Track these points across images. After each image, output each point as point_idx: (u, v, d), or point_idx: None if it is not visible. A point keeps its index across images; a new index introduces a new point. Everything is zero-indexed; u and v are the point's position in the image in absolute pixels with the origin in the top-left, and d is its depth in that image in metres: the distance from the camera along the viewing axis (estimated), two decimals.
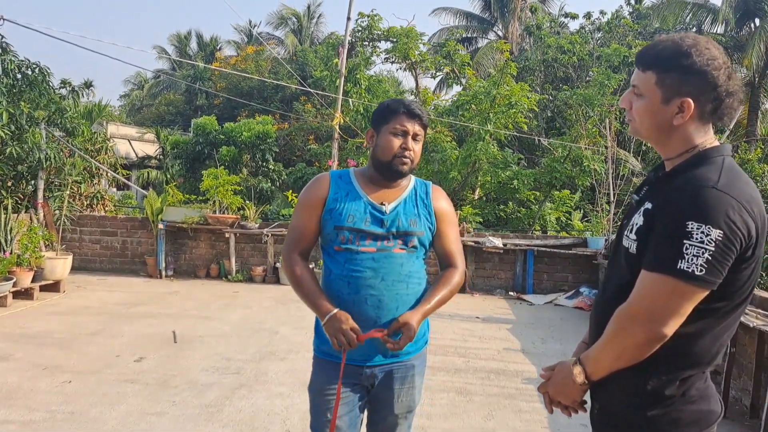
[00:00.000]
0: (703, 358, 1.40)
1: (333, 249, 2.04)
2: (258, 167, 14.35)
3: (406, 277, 2.02)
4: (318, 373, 2.10)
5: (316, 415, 2.07)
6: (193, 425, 3.63)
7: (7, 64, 8.14)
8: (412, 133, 2.04)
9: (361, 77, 12.54)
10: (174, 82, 26.72)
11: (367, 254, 1.99)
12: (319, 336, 2.09)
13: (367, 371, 2.04)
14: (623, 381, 1.42)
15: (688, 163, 1.41)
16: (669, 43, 1.43)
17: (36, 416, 3.67)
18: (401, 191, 2.10)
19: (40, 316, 6.36)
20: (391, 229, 2.02)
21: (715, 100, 1.39)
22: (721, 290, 1.33)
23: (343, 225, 2.00)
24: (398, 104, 2.06)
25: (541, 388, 1.60)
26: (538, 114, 14.30)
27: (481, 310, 7.65)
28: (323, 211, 2.04)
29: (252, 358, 5.06)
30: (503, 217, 12.21)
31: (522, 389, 4.57)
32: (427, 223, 2.08)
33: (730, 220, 1.28)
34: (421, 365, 2.14)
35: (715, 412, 1.43)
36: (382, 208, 2.03)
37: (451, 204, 2.22)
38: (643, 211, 1.41)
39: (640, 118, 1.48)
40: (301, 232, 2.08)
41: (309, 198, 2.08)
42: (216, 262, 9.60)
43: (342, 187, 2.07)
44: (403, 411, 2.10)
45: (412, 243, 2.04)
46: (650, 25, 16.97)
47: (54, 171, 9.34)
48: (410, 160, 2.04)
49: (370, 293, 1.97)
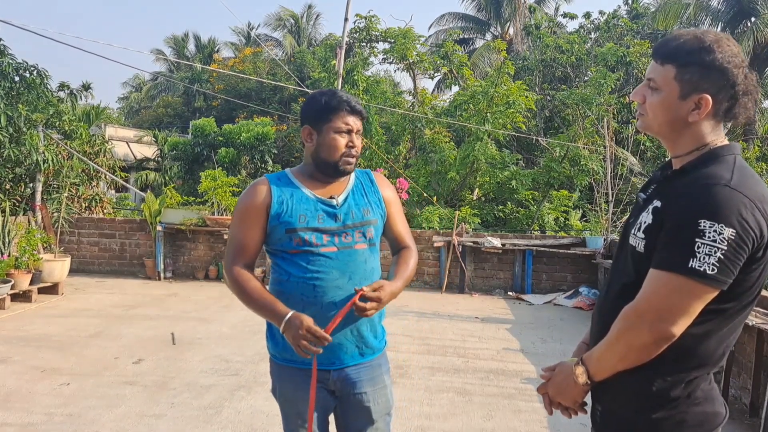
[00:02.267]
0: (709, 359, 1.38)
1: (288, 253, 1.93)
2: (257, 169, 14.34)
3: (371, 273, 1.97)
4: (282, 381, 2.01)
5: (287, 422, 2.03)
6: (192, 427, 3.63)
7: (5, 66, 8.14)
8: (356, 130, 1.98)
9: (359, 78, 12.54)
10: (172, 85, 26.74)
11: (330, 254, 1.91)
12: (274, 341, 2.00)
13: (335, 374, 1.96)
14: (627, 382, 1.39)
15: (699, 161, 1.38)
16: (690, 38, 1.39)
17: (34, 418, 3.66)
18: (345, 183, 2.03)
19: (39, 318, 6.35)
20: (346, 221, 1.95)
21: (731, 98, 1.37)
22: (730, 291, 1.31)
23: (296, 227, 1.91)
24: (339, 101, 1.96)
25: (541, 389, 1.57)
26: (537, 114, 14.31)
27: (480, 311, 7.64)
28: (268, 217, 1.93)
29: (251, 360, 5.05)
30: (502, 217, 12.20)
31: (521, 389, 4.56)
32: (379, 210, 2.04)
33: (743, 219, 1.25)
34: (386, 364, 2.09)
35: (720, 414, 1.40)
36: (332, 202, 1.97)
37: (394, 188, 2.19)
38: (652, 209, 1.38)
39: (654, 112, 1.43)
40: (242, 242, 1.95)
41: (249, 206, 1.95)
42: (215, 264, 9.58)
43: (284, 189, 1.97)
44: (381, 413, 2.04)
45: (370, 233, 1.98)
46: (648, 24, 16.99)
47: (52, 173, 9.33)
48: (355, 157, 2.00)
49: (338, 294, 1.89)
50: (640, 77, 13.63)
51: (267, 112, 18.35)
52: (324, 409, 2.00)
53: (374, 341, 2.03)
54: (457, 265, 8.93)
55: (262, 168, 14.33)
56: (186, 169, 14.57)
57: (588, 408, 1.53)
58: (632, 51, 14.08)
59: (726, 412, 1.42)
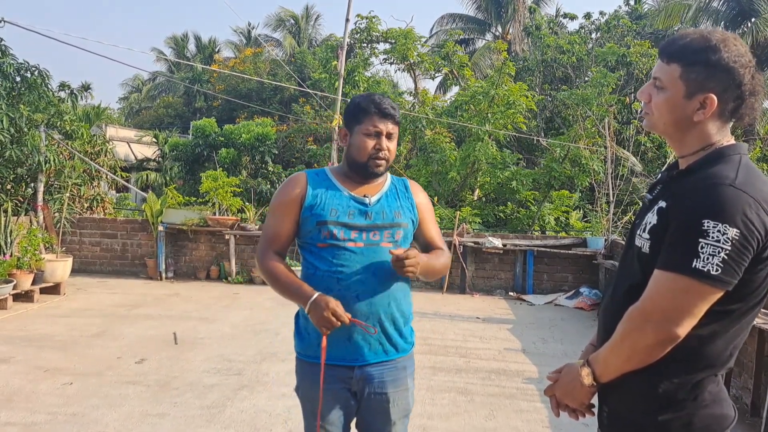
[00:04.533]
0: (716, 361, 1.36)
1: (316, 246, 1.99)
2: (257, 169, 14.35)
3: (395, 271, 1.98)
4: (303, 376, 2.05)
5: (308, 419, 2.05)
6: (195, 426, 3.64)
7: (6, 67, 8.15)
8: (386, 133, 2.02)
9: (360, 79, 12.55)
10: (172, 85, 26.75)
11: (355, 249, 1.96)
12: (300, 338, 2.05)
13: (358, 373, 1.98)
14: (633, 384, 1.38)
15: (705, 161, 1.37)
16: (697, 37, 1.38)
17: (38, 418, 3.67)
18: (381, 186, 2.08)
19: (41, 318, 6.36)
20: (376, 221, 1.99)
21: (737, 98, 1.36)
22: (736, 292, 1.29)
23: (327, 219, 1.96)
24: (369, 103, 2.01)
25: (548, 391, 1.55)
26: (537, 114, 14.32)
27: (482, 311, 7.65)
28: (302, 209, 1.99)
29: (253, 360, 5.06)
30: (502, 217, 12.21)
31: (523, 389, 4.57)
32: (410, 215, 2.08)
33: (747, 219, 1.24)
34: (411, 367, 2.11)
35: (728, 416, 1.39)
36: (365, 201, 2.02)
37: (428, 197, 2.23)
38: (657, 210, 1.37)
39: (659, 111, 1.42)
40: (276, 231, 2.04)
41: (285, 197, 2.03)
42: (216, 264, 9.59)
43: (321, 184, 2.03)
44: (400, 416, 2.05)
45: (398, 235, 2.03)
46: (649, 25, 17.00)
47: (53, 174, 9.34)
48: (385, 160, 2.03)
49: (362, 289, 1.94)
50: (641, 77, 13.64)
51: (267, 113, 18.35)
52: (346, 413, 2.01)
53: (399, 340, 2.04)
54: (458, 266, 8.94)
55: (262, 168, 14.34)
56: (186, 169, 14.57)
57: (595, 410, 1.52)
58: (633, 51, 14.09)
59: (735, 414, 1.41)
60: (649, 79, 1.48)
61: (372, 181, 2.07)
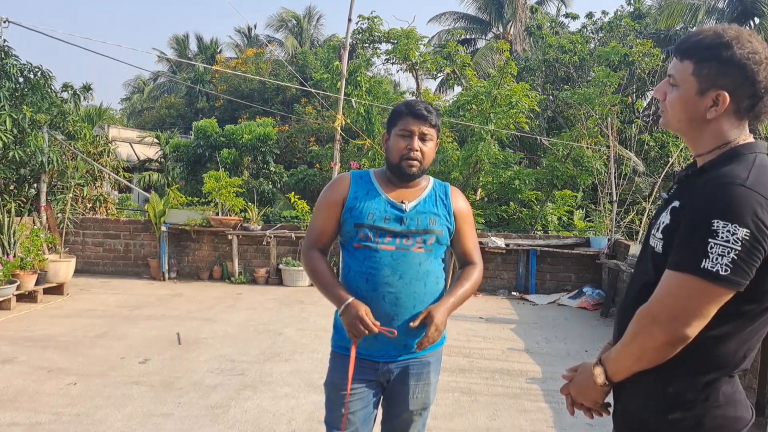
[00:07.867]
0: (728, 362, 1.35)
1: (353, 246, 2.08)
2: (259, 169, 14.34)
3: (424, 276, 2.05)
4: (334, 368, 2.14)
5: (331, 409, 2.10)
6: (199, 426, 3.64)
7: (10, 68, 8.16)
8: (419, 134, 2.06)
9: (362, 79, 12.54)
10: (174, 85, 26.77)
11: (386, 252, 2.03)
12: (337, 331, 2.15)
13: (383, 367, 2.08)
14: (644, 383, 1.38)
15: (719, 160, 1.35)
16: (710, 33, 1.37)
17: (42, 418, 3.67)
18: (421, 191, 2.14)
19: (44, 318, 6.37)
20: (410, 227, 2.06)
21: (752, 96, 1.33)
22: (748, 292, 1.27)
23: (363, 222, 2.05)
24: (403, 106, 2.11)
25: (564, 390, 1.56)
26: (539, 114, 14.29)
27: (485, 311, 7.65)
28: (343, 209, 2.09)
29: (256, 360, 5.06)
30: (505, 217, 12.20)
31: (526, 389, 4.56)
32: (446, 222, 2.12)
33: (758, 219, 1.22)
34: (436, 363, 2.17)
35: (742, 418, 1.37)
36: (402, 206, 2.08)
37: (468, 204, 2.25)
38: (670, 209, 1.37)
39: (673, 109, 1.41)
40: (320, 229, 2.15)
41: (329, 197, 2.14)
42: (219, 264, 9.60)
43: (362, 186, 2.12)
44: (418, 408, 2.13)
45: (431, 241, 2.08)
46: (651, 25, 16.95)
47: (56, 174, 9.35)
48: (417, 161, 2.06)
49: (387, 290, 2.01)
50: (643, 77, 13.61)
51: (269, 113, 18.35)
52: (370, 400, 2.10)
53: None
54: None
55: (264, 169, 14.34)
56: (188, 170, 14.57)
57: (611, 409, 1.51)
58: (635, 50, 14.06)
59: (752, 417, 1.40)
60: (655, 79, 1.47)
61: (411, 185, 2.12)
